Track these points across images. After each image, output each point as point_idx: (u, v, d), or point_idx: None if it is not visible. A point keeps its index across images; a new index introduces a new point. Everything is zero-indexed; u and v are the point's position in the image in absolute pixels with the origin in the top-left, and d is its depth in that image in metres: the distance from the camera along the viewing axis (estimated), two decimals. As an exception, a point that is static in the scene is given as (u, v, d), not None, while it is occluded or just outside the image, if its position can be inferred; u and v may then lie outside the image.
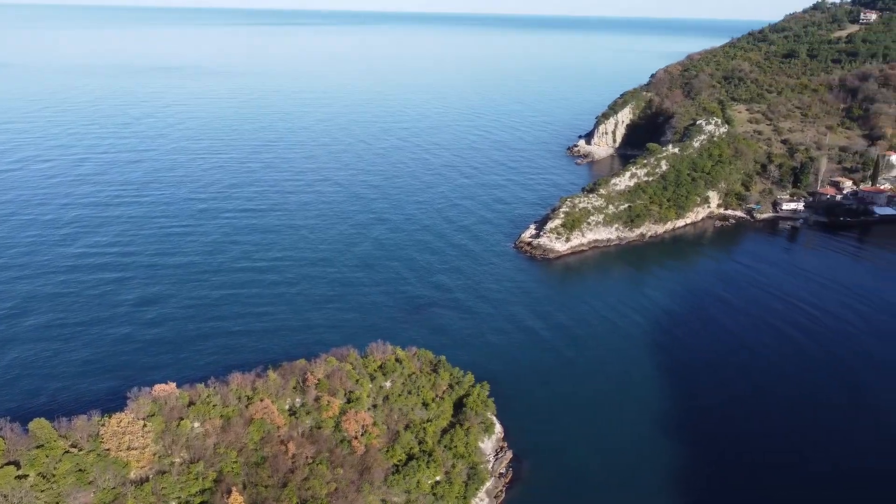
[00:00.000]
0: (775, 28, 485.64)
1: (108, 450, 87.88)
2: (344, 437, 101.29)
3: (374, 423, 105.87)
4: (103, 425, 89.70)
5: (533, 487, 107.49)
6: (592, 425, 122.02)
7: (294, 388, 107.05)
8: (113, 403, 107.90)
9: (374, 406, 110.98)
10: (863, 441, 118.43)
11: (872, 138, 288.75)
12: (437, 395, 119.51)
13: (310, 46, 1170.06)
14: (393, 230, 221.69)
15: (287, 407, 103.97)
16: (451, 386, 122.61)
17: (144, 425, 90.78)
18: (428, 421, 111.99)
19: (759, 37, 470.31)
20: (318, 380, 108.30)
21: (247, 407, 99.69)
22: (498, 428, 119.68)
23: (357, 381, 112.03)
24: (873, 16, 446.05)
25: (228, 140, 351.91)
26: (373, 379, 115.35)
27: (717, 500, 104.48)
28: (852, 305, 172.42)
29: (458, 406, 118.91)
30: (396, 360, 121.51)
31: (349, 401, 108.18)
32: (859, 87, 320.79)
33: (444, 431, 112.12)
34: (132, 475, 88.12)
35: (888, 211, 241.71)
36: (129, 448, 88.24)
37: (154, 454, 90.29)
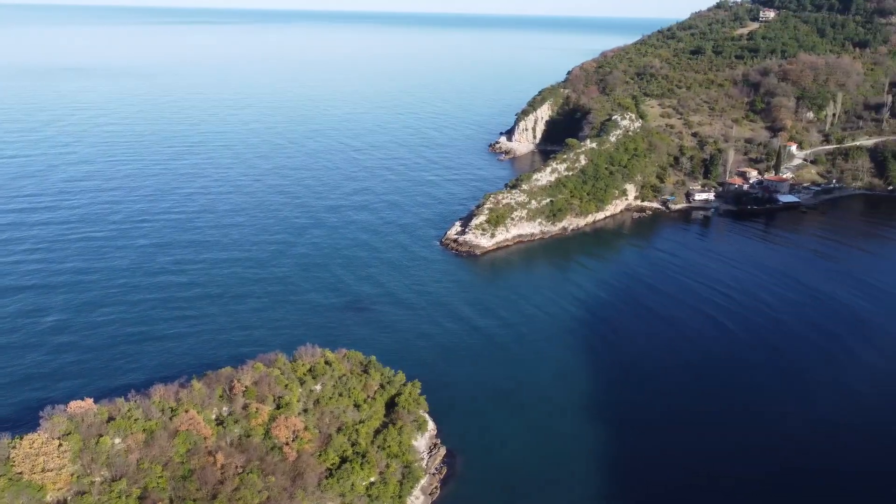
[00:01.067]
0: (683, 26, 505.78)
1: (20, 473, 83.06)
2: (275, 444, 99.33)
3: (306, 428, 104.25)
4: (14, 447, 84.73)
5: (467, 482, 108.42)
6: (525, 417, 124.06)
7: (221, 396, 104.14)
8: (24, 424, 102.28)
9: (305, 410, 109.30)
10: (792, 417, 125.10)
11: (774, 130, 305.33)
12: (368, 396, 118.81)
13: (225, 45, 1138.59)
14: (318, 231, 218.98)
15: (214, 417, 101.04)
16: (382, 386, 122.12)
17: (60, 445, 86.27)
18: (360, 422, 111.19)
19: (667, 34, 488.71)
20: (246, 387, 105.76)
21: (171, 419, 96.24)
22: (431, 425, 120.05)
23: (286, 386, 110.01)
24: (771, 14, 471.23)
25: (150, 143, 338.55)
26: (302, 383, 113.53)
27: (651, 489, 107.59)
28: (765, 285, 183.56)
29: (391, 405, 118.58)
30: (326, 362, 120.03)
31: (279, 407, 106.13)
32: (761, 82, 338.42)
33: (377, 432, 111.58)
34: (49, 498, 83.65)
35: (790, 198, 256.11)
36: (44, 470, 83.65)
37: (72, 475, 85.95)
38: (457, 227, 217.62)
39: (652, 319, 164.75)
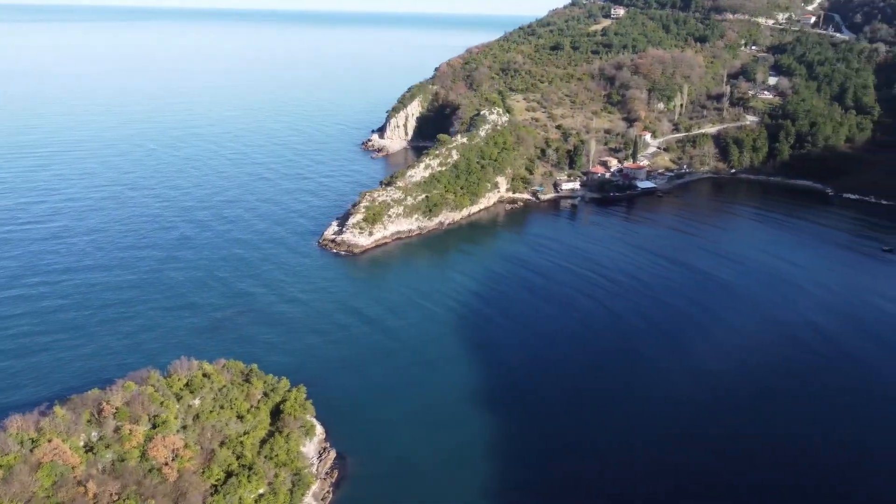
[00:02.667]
0: (542, 23, 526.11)
1: None
2: (153, 466, 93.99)
3: (186, 445, 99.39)
4: None
5: (360, 483, 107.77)
6: (415, 411, 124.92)
7: (88, 421, 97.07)
8: None
9: (184, 427, 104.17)
10: (679, 385, 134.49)
11: (630, 121, 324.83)
12: (251, 406, 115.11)
13: (77, 44, 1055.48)
14: (193, 238, 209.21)
15: (82, 444, 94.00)
16: (265, 394, 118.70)
17: None
18: (245, 433, 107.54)
19: (528, 31, 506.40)
20: (117, 408, 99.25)
21: (32, 451, 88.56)
22: (319, 429, 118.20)
23: (161, 403, 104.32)
24: (622, 11, 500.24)
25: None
26: (179, 399, 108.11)
27: (544, 474, 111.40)
28: (633, 263, 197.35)
29: (276, 413, 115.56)
30: (204, 375, 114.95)
31: (155, 426, 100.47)
32: (616, 76, 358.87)
33: (263, 441, 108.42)
34: None
35: (648, 184, 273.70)
36: None
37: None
38: (334, 226, 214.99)
39: (534, 303, 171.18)
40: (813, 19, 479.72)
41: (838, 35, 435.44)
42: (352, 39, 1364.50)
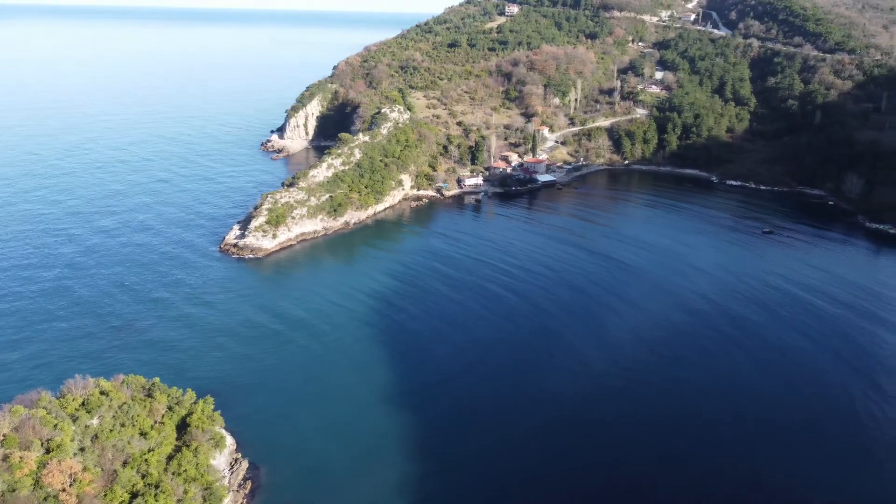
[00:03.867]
0: (438, 20, 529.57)
1: None
2: (48, 494, 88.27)
3: (85, 469, 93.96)
4: None
5: (274, 491, 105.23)
6: (328, 414, 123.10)
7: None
8: None
9: (82, 450, 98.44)
10: (592, 369, 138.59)
11: (528, 116, 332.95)
12: (155, 421, 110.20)
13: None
14: (87, 249, 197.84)
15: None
16: (170, 408, 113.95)
17: None
18: (149, 451, 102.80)
19: (425, 28, 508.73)
20: (4, 435, 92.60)
21: None
22: (230, 440, 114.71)
23: (55, 426, 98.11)
24: (515, 9, 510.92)
25: None
26: (75, 420, 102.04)
27: (455, 471, 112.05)
28: (539, 252, 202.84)
29: (183, 427, 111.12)
30: (102, 392, 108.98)
31: (48, 451, 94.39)
32: (512, 72, 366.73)
33: (170, 457, 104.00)
34: None
35: (548, 178, 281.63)
36: None
37: None
38: (235, 230, 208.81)
39: (447, 296, 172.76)
40: (693, 16, 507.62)
41: (716, 31, 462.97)
42: (246, 37, 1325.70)
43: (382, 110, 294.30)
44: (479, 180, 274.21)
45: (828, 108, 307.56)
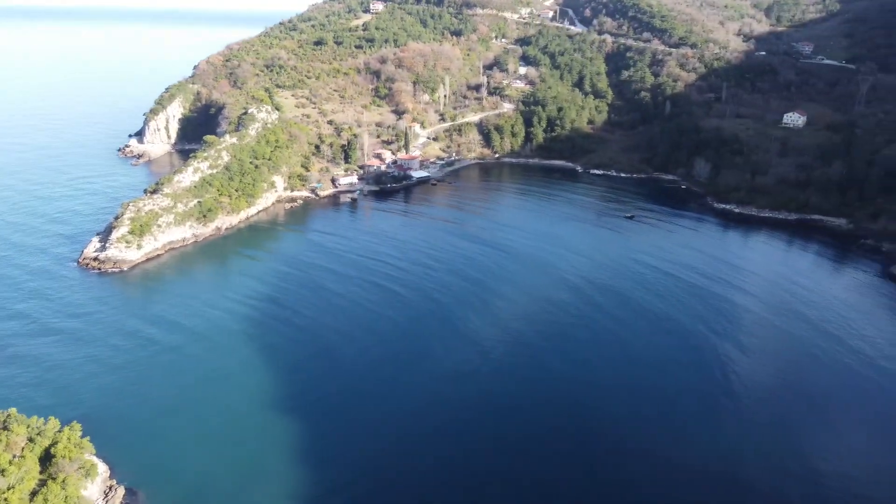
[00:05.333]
0: (303, 18, 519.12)
1: None
2: None
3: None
4: None
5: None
6: (209, 430, 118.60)
7: None
8: None
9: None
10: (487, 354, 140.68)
11: (399, 113, 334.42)
12: (14, 456, 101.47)
13: None
14: None
15: None
16: (31, 440, 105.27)
17: None
18: (9, 489, 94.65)
19: (289, 26, 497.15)
20: None
21: None
22: (102, 467, 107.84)
23: None
24: (381, 6, 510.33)
25: None
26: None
27: (344, 474, 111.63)
28: (420, 247, 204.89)
29: (47, 458, 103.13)
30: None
31: None
32: (381, 70, 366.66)
33: (35, 493, 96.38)
34: None
35: (422, 174, 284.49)
36: None
37: None
38: (95, 243, 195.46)
39: (327, 298, 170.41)
40: (551, 14, 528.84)
41: (573, 28, 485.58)
42: (99, 37, 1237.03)
43: (249, 111, 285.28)
44: (354, 179, 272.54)
45: (676, 98, 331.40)
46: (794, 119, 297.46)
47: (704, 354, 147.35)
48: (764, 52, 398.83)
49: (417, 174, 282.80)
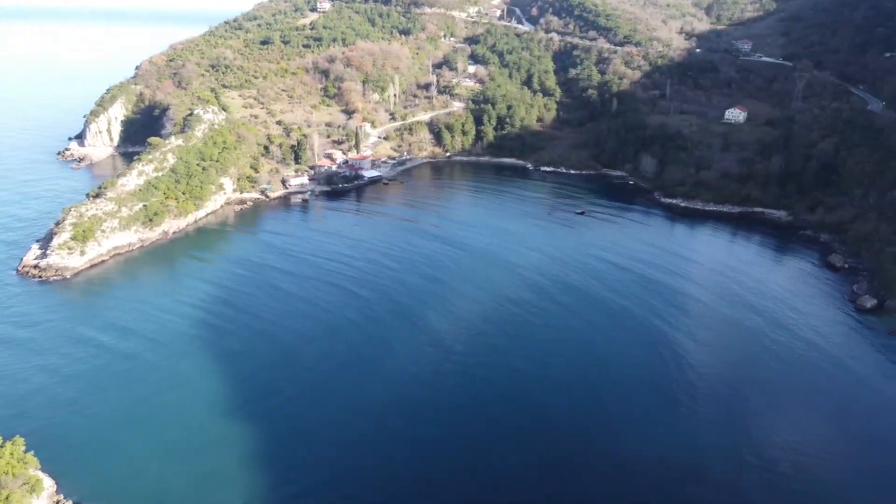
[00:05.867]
0: (249, 17, 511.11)
1: None
2: None
3: None
4: None
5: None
6: (163, 437, 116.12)
7: None
8: None
9: None
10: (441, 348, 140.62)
11: (349, 112, 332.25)
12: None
13: None
14: None
15: None
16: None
17: None
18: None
19: (235, 25, 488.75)
20: None
21: None
22: (48, 482, 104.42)
23: None
24: (328, 5, 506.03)
25: None
26: None
27: (309, 478, 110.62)
28: (373, 249, 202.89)
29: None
30: None
31: None
32: (329, 69, 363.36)
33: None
34: None
35: (374, 173, 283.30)
36: None
37: None
38: (35, 250, 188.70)
39: (286, 300, 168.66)
40: (499, 12, 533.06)
41: (520, 27, 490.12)
42: (32, 36, 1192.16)
43: (195, 111, 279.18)
44: (305, 179, 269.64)
45: (622, 96, 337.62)
46: (735, 115, 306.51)
47: (659, 346, 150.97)
48: (704, 50, 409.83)
49: (369, 174, 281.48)
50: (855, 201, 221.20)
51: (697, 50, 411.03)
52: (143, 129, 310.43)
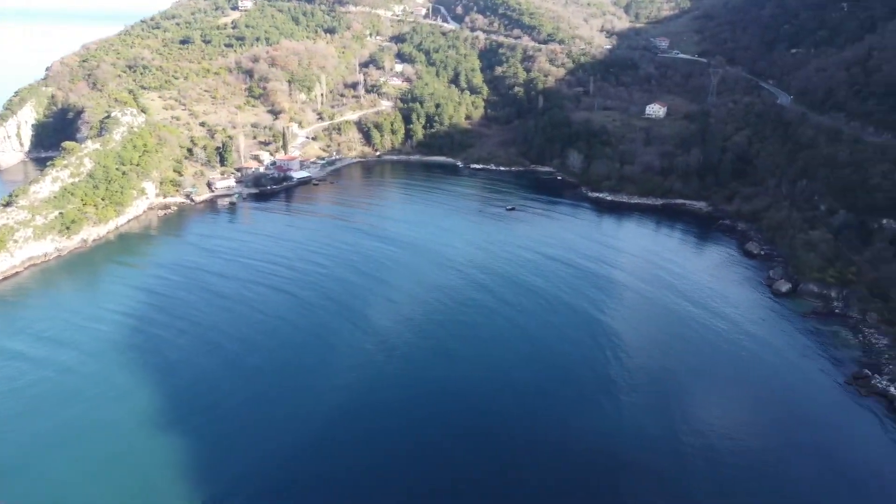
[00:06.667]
0: (166, 15, 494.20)
1: None
2: None
3: None
4: None
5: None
6: (94, 456, 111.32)
7: None
8: None
9: None
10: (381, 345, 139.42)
11: (275, 113, 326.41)
12: None
13: None
14: None
15: None
16: None
17: None
18: None
19: (152, 24, 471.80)
20: None
21: None
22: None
23: None
24: (250, 3, 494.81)
25: None
26: None
27: (247, 487, 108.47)
28: (306, 251, 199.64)
29: None
30: None
31: None
32: (254, 69, 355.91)
33: None
34: None
35: (303, 174, 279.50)
36: None
37: None
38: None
39: (221, 304, 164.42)
40: (424, 11, 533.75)
41: (446, 25, 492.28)
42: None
43: (113, 114, 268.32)
44: (232, 182, 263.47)
45: (547, 93, 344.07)
46: (655, 110, 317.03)
47: (593, 332, 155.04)
48: (625, 48, 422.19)
49: (298, 174, 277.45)
50: (769, 191, 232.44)
51: (620, 48, 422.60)
52: (56, 133, 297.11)
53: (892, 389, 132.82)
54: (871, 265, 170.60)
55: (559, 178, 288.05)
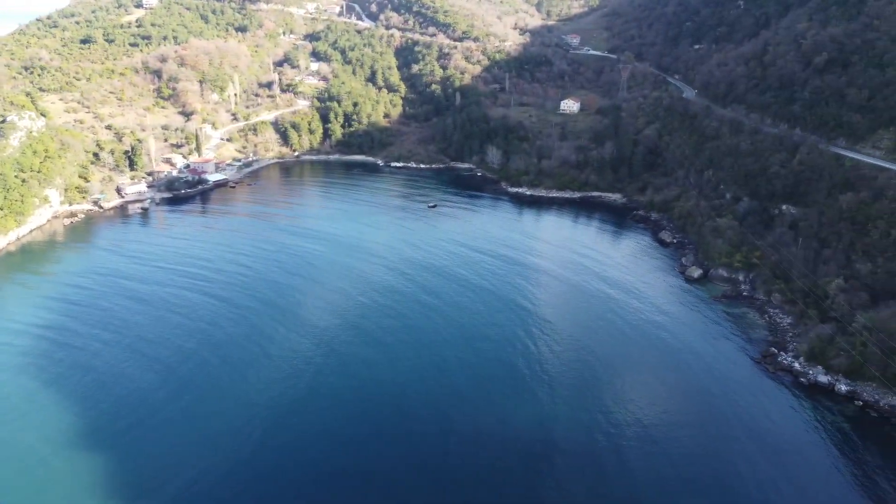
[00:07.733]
0: (64, 14, 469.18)
1: None
2: None
3: None
4: None
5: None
6: (7, 483, 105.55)
7: None
8: None
9: None
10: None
11: (187, 114, 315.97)
12: None
13: None
14: None
15: None
16: None
17: None
18: None
19: (49, 23, 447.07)
20: None
21: None
22: None
23: None
24: (155, 1, 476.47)
25: None
26: None
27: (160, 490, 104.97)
28: (226, 255, 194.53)
29: None
30: None
31: None
32: (162, 69, 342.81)
33: None
34: None
35: (219, 176, 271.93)
36: None
37: None
38: None
39: (135, 310, 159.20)
40: (338, 9, 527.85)
41: (361, 23, 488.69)
42: None
43: (9, 118, 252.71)
44: (143, 187, 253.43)
45: (464, 90, 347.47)
46: (569, 105, 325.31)
47: (520, 318, 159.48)
48: (538, 45, 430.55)
49: (213, 177, 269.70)
50: (678, 182, 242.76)
51: (533, 45, 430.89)
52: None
53: (796, 365, 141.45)
54: (773, 249, 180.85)
55: (479, 174, 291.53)
